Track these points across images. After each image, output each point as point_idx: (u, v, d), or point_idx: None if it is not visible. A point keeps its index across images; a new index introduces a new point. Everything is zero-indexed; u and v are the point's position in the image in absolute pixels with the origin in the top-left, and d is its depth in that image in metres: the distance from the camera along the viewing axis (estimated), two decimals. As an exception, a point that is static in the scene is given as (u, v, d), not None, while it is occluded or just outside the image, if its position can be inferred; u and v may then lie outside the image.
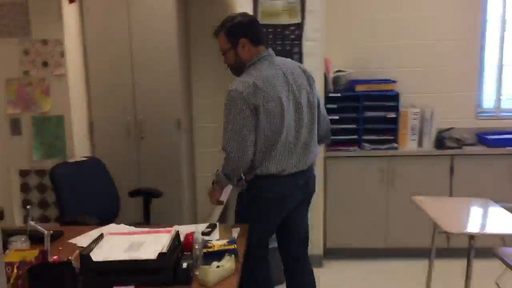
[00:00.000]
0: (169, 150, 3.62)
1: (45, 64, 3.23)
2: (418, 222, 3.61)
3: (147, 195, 3.34)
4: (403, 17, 4.04)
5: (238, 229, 2.49)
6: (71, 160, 3.21)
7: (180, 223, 2.76)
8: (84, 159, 3.28)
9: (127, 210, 3.43)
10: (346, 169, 3.89)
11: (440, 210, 2.87)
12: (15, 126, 3.31)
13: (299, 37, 3.57)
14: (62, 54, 3.23)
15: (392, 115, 3.85)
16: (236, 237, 2.36)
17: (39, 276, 1.88)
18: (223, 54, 2.53)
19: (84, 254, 1.90)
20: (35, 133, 3.31)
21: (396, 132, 3.87)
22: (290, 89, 2.48)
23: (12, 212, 3.41)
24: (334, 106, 3.83)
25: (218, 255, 2.07)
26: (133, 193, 3.37)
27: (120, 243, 2.04)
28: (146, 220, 3.34)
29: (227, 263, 1.99)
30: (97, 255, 1.93)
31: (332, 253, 3.99)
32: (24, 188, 3.40)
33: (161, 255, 1.88)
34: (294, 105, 2.48)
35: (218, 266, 1.96)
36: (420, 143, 3.93)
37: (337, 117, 3.83)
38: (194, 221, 3.97)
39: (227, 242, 2.19)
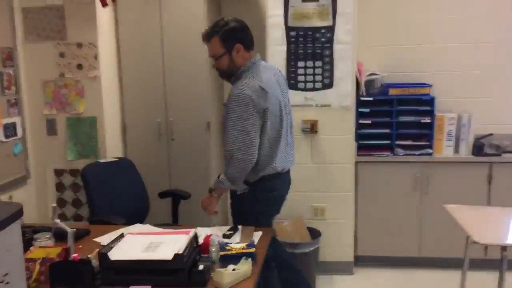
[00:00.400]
0: (199, 151, 3.64)
1: (79, 66, 3.33)
2: (452, 231, 3.46)
3: (176, 197, 3.37)
4: (439, 18, 3.91)
5: (260, 232, 2.47)
6: (102, 161, 3.28)
7: (209, 225, 2.77)
8: (115, 159, 3.35)
9: (156, 211, 3.48)
10: (378, 174, 3.80)
11: (473, 219, 2.75)
12: (51, 127, 3.42)
13: (330, 40, 3.52)
14: (95, 57, 3.31)
15: (427, 120, 3.73)
16: (256, 241, 2.35)
17: (60, 273, 1.94)
18: (216, 59, 2.55)
19: (102, 253, 1.94)
20: (69, 134, 3.41)
21: (431, 138, 3.75)
22: (279, 91, 2.61)
23: (47, 210, 3.51)
24: (366, 110, 3.76)
25: (236, 258, 2.07)
26: (163, 194, 3.41)
27: (139, 243, 2.07)
28: (174, 221, 3.37)
29: (243, 267, 1.98)
30: (115, 254, 1.96)
31: (362, 261, 3.91)
32: (59, 187, 3.50)
33: (176, 256, 1.89)
34: (284, 106, 2.63)
35: (234, 269, 1.95)
36: (456, 150, 3.80)
37: (369, 122, 3.76)
38: (224, 223, 3.98)
39: (246, 245, 2.18)
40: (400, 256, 3.87)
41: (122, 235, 2.16)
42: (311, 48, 3.55)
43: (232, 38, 2.51)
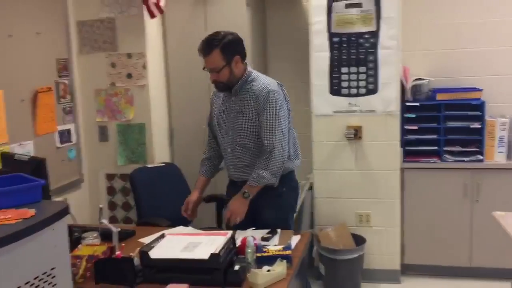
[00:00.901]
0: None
1: (129, 76, 3.48)
2: (505, 240, 3.33)
3: (220, 201, 3.44)
4: (489, 21, 3.79)
5: (299, 236, 2.49)
6: (150, 165, 3.41)
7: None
8: (162, 164, 3.47)
9: (201, 215, 3.55)
10: (426, 181, 3.72)
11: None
12: (102, 133, 3.60)
13: (374, 45, 3.50)
14: (144, 66, 3.46)
15: (476, 125, 3.62)
16: (294, 245, 2.37)
17: (104, 269, 2.04)
18: (217, 71, 2.58)
19: (144, 251, 2.02)
20: (119, 140, 3.57)
21: (481, 144, 3.63)
22: None
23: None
24: (412, 115, 3.69)
25: (271, 260, 2.10)
26: (207, 199, 3.48)
27: (178, 243, 2.14)
28: (218, 225, 3.44)
29: (278, 268, 2.01)
30: (155, 253, 2.04)
31: (410, 269, 3.82)
32: (110, 190, 3.67)
33: (213, 256, 1.95)
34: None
35: (268, 270, 1.98)
36: (509, 156, 3.65)
37: (415, 127, 3.69)
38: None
39: (283, 248, 2.21)
40: (449, 265, 3.75)
41: (163, 235, 2.25)
42: (354, 54, 3.54)
43: (231, 50, 2.58)
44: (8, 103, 2.78)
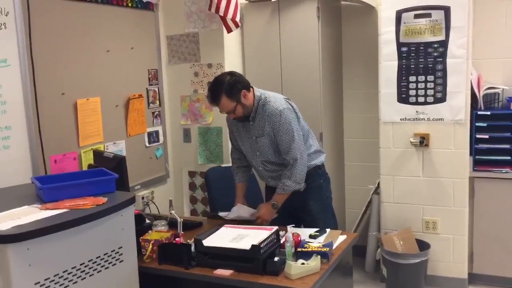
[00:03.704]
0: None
1: (209, 84, 3.87)
2: None
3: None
4: None
5: (345, 236, 2.68)
6: (224, 165, 3.77)
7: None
8: (235, 165, 3.80)
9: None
10: (497, 191, 3.67)
11: None
12: (186, 135, 4.03)
13: (442, 54, 3.54)
14: (222, 75, 3.83)
15: (553, 135, 3.51)
16: (337, 243, 2.56)
17: (165, 252, 2.41)
18: (232, 112, 2.84)
19: (197, 239, 2.36)
20: (200, 141, 3.98)
21: (558, 155, 3.51)
22: None
23: (183, 206, 4.13)
24: (483, 124, 3.66)
25: (310, 255, 2.33)
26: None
27: (229, 233, 2.46)
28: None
29: (313, 262, 2.24)
30: (208, 241, 2.37)
31: (478, 279, 3.78)
32: (191, 186, 4.10)
33: (254, 247, 2.23)
34: None
35: (303, 263, 2.22)
36: None
37: (486, 136, 3.65)
38: (342, 228, 4.18)
39: (322, 245, 2.42)
40: (520, 278, 3.67)
41: (219, 226, 2.57)
42: (422, 63, 3.61)
43: (235, 90, 2.79)
44: (104, 108, 3.29)
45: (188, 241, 2.46)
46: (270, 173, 3.03)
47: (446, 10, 3.48)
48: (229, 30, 3.68)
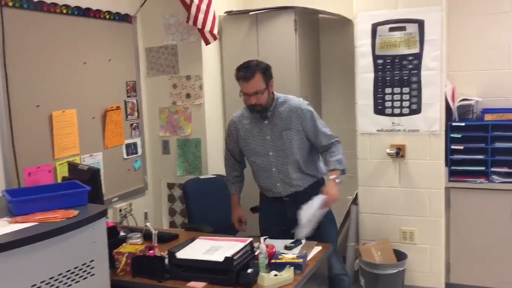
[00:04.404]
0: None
1: (188, 95, 3.89)
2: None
3: (265, 212, 3.71)
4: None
5: (320, 247, 2.69)
6: (202, 177, 3.78)
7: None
8: (214, 176, 3.81)
9: (250, 224, 3.84)
10: (473, 201, 3.72)
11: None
12: (165, 147, 4.03)
13: (417, 67, 3.60)
14: (201, 87, 3.84)
15: (526, 146, 3.57)
16: (312, 254, 2.57)
17: (139, 265, 2.40)
18: (261, 93, 2.81)
19: (171, 251, 2.36)
20: (179, 153, 3.98)
21: (531, 165, 3.57)
22: None
23: (162, 218, 4.11)
24: (458, 135, 3.72)
25: (284, 266, 2.33)
26: (253, 209, 3.77)
27: (203, 246, 2.46)
28: (261, 233, 3.70)
29: (285, 274, 2.24)
30: (181, 253, 2.37)
31: (455, 289, 3.83)
32: (170, 198, 4.08)
33: (227, 259, 2.23)
34: None
35: (276, 275, 2.22)
36: (562, 179, 3.55)
37: (461, 147, 3.71)
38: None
39: (297, 256, 2.43)
40: (495, 287, 3.70)
41: (193, 239, 2.57)
42: (398, 75, 3.66)
43: (268, 74, 2.86)
44: (81, 120, 3.27)
45: (162, 253, 2.45)
46: (284, 176, 2.96)
47: (420, 23, 3.55)
48: (207, 42, 3.70)
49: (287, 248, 2.67)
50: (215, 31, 3.69)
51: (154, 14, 3.88)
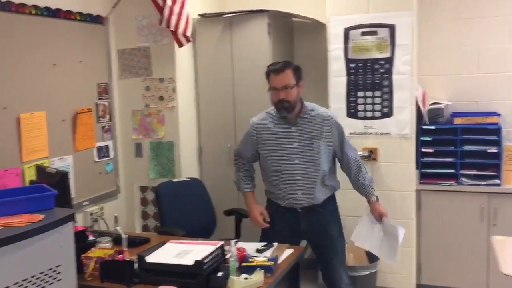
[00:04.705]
0: (264, 175, 3.94)
1: (161, 98, 3.86)
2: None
3: (238, 215, 3.71)
4: (509, 46, 3.82)
5: (292, 250, 2.70)
6: (175, 180, 3.75)
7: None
8: (187, 179, 3.79)
9: (223, 227, 3.85)
10: (443, 203, 3.78)
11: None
12: (138, 149, 3.98)
13: (388, 71, 3.65)
14: (174, 90, 3.82)
15: (493, 149, 3.65)
16: (284, 257, 2.58)
17: (108, 270, 2.37)
18: (290, 88, 2.77)
19: (140, 255, 2.33)
20: (152, 156, 3.94)
21: (498, 168, 3.65)
22: None
23: (134, 221, 4.07)
24: (428, 138, 3.78)
25: (254, 269, 2.33)
26: (227, 212, 3.77)
27: (174, 249, 2.43)
28: (237, 236, 3.70)
29: (255, 277, 2.24)
30: (151, 258, 2.34)
31: (426, 290, 3.88)
32: (143, 201, 4.04)
33: (197, 262, 2.21)
34: None
35: (246, 278, 2.22)
36: (528, 181, 3.64)
37: (431, 150, 3.77)
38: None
39: (268, 259, 2.43)
40: (466, 288, 3.78)
41: (163, 242, 2.54)
42: (370, 79, 3.71)
43: (299, 74, 2.85)
44: (50, 122, 3.21)
45: (132, 257, 2.42)
46: (306, 185, 2.85)
47: (391, 28, 3.60)
48: (180, 45, 3.68)
49: (259, 251, 2.67)
50: (189, 34, 3.68)
51: (127, 16, 3.84)
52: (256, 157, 3.04)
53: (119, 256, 2.40)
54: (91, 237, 2.67)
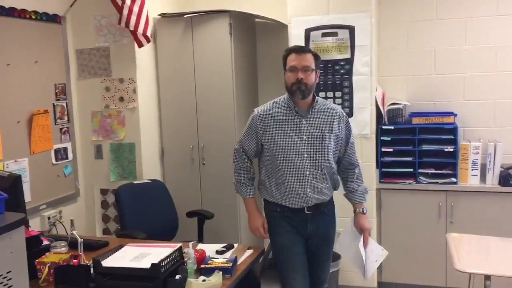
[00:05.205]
0: (227, 175, 3.91)
1: (121, 99, 3.80)
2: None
3: (201, 216, 3.69)
4: (465, 48, 3.93)
5: (252, 251, 2.70)
6: (136, 182, 3.69)
7: (235, 242, 2.99)
8: (148, 181, 3.74)
9: (186, 229, 3.81)
10: (402, 201, 3.86)
11: (471, 249, 2.78)
12: (98, 151, 3.91)
13: (348, 72, 3.70)
14: (134, 91, 3.77)
15: (450, 148, 3.74)
16: (243, 258, 2.58)
17: (62, 275, 2.31)
18: (310, 70, 2.63)
19: (95, 259, 2.28)
20: (112, 158, 3.87)
21: (455, 167, 3.74)
22: None
23: (95, 225, 3.99)
24: (388, 138, 3.84)
25: (213, 271, 2.31)
26: (190, 214, 3.74)
27: (131, 253, 2.39)
28: (199, 238, 3.68)
29: (214, 279, 2.23)
30: (108, 261, 2.30)
31: (387, 287, 3.94)
32: (104, 204, 3.97)
33: (153, 265, 2.18)
34: None
35: (204, 280, 2.20)
36: (483, 179, 3.74)
37: (390, 150, 3.84)
38: (258, 243, 4.20)
39: (227, 260, 2.42)
40: (426, 285, 3.86)
41: (121, 246, 2.50)
42: (331, 80, 3.75)
43: (318, 62, 2.72)
44: (4, 124, 3.12)
45: (87, 262, 2.37)
46: (316, 181, 2.68)
47: (351, 29, 3.65)
48: (140, 45, 3.63)
49: (218, 252, 2.66)
50: (149, 34, 3.63)
51: (85, 15, 3.76)
52: (259, 153, 2.81)
53: (74, 260, 2.35)
54: (46, 242, 2.60)
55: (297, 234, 2.73)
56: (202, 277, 2.22)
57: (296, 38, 3.78)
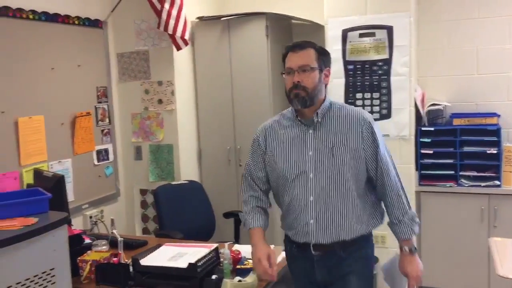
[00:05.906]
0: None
1: (160, 101, 3.88)
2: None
3: (237, 217, 3.72)
4: (508, 47, 3.81)
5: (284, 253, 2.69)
6: (174, 183, 3.76)
7: (270, 243, 2.97)
8: (186, 182, 3.80)
9: (223, 229, 3.85)
10: (442, 205, 3.77)
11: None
12: (137, 153, 4.00)
13: (387, 72, 3.64)
14: (172, 93, 3.83)
15: (493, 150, 3.63)
16: (279, 260, 2.57)
17: (103, 273, 2.38)
18: (308, 70, 2.08)
19: (134, 258, 2.34)
20: (151, 159, 3.96)
21: (498, 169, 3.63)
22: None
23: (134, 224, 4.08)
24: (428, 140, 3.76)
25: (249, 271, 2.33)
26: (226, 215, 3.78)
27: (168, 252, 2.44)
28: (236, 239, 3.71)
29: (249, 279, 2.24)
30: (146, 260, 2.35)
31: (427, 292, 3.86)
32: (143, 204, 4.05)
33: (190, 265, 2.22)
34: None
35: (240, 281, 2.22)
36: (528, 182, 3.62)
37: (430, 151, 3.76)
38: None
39: (262, 261, 2.42)
40: (468, 290, 3.76)
41: (159, 245, 2.55)
42: (368, 80, 3.70)
43: (325, 58, 2.16)
44: (48, 126, 3.23)
45: (126, 260, 2.43)
46: (323, 209, 2.08)
47: (389, 29, 3.59)
48: (178, 48, 3.70)
49: (254, 253, 2.66)
50: (187, 37, 3.69)
51: (125, 20, 3.86)
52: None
53: (114, 259, 2.41)
54: (87, 240, 2.68)
55: (305, 277, 2.19)
56: (237, 278, 2.24)
57: (332, 39, 3.75)
